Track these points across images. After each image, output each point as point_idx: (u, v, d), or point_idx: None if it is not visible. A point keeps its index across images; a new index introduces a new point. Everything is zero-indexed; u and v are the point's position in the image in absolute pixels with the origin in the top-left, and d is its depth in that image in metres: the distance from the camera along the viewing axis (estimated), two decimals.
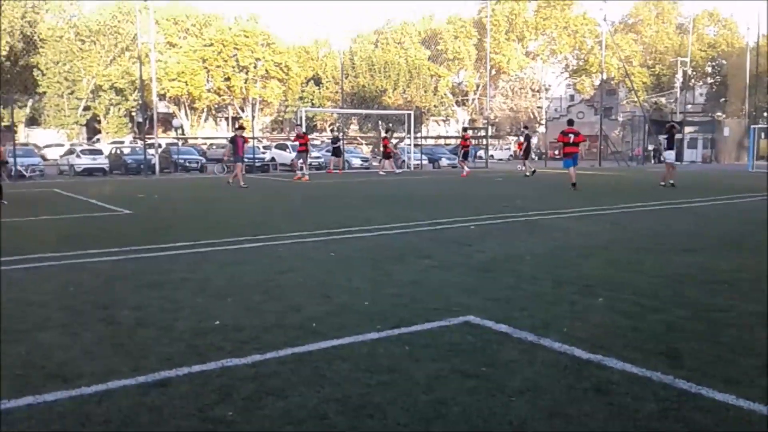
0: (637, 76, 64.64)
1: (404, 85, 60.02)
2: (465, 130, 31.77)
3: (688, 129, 53.43)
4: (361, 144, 55.17)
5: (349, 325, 4.74)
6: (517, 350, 4.18)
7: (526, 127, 31.95)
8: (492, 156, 49.73)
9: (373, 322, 4.79)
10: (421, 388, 3.54)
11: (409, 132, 35.88)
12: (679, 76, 59.64)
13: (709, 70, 73.15)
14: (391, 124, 34.65)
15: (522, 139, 29.21)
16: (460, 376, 3.72)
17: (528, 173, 26.59)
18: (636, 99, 54.87)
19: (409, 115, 36.38)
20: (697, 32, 69.06)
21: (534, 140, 65.15)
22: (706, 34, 72.38)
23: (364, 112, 54.35)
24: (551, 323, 4.74)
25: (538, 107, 70.09)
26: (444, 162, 38.10)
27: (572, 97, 76.76)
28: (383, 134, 28.90)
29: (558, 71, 74.03)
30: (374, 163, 39.61)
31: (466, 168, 27.56)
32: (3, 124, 41.62)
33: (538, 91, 69.89)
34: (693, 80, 68.74)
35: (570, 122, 20.44)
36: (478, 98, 71.20)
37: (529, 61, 70.89)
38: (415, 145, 36.64)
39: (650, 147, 49.31)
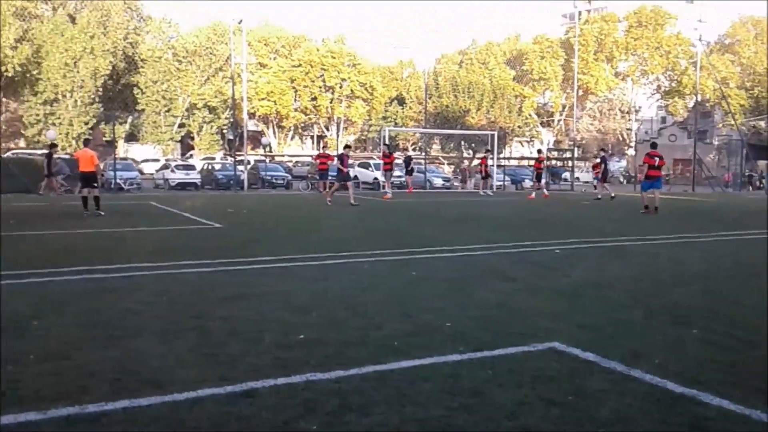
0: (734, 98, 61.73)
1: (488, 106, 59.62)
2: (539, 152, 31.25)
3: None
4: (443, 164, 55.12)
5: (431, 345, 4.72)
6: (605, 380, 4.04)
7: (603, 150, 31.05)
8: (578, 178, 48.60)
9: (455, 343, 4.75)
10: (505, 414, 3.48)
11: (492, 152, 35.59)
12: None
13: None
14: (488, 147, 34.36)
15: (599, 161, 28.31)
16: (546, 403, 3.63)
17: (600, 196, 25.67)
18: (733, 122, 52.37)
19: (493, 135, 36.11)
20: None
21: (623, 163, 63.25)
22: None
23: (446, 132, 54.30)
24: (642, 354, 4.56)
25: (628, 129, 68.04)
26: (527, 183, 37.56)
27: (664, 119, 74.12)
28: (481, 154, 28.63)
29: (649, 92, 71.68)
30: (455, 183, 39.48)
31: (544, 191, 27.08)
32: (105, 139, 44.18)
33: (627, 113, 67.90)
34: None
35: (654, 145, 20.03)
36: (564, 119, 69.88)
37: (619, 82, 69.04)
38: (499, 166, 36.31)
39: (747, 172, 46.90)
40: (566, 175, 42.27)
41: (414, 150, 62.04)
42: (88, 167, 15.33)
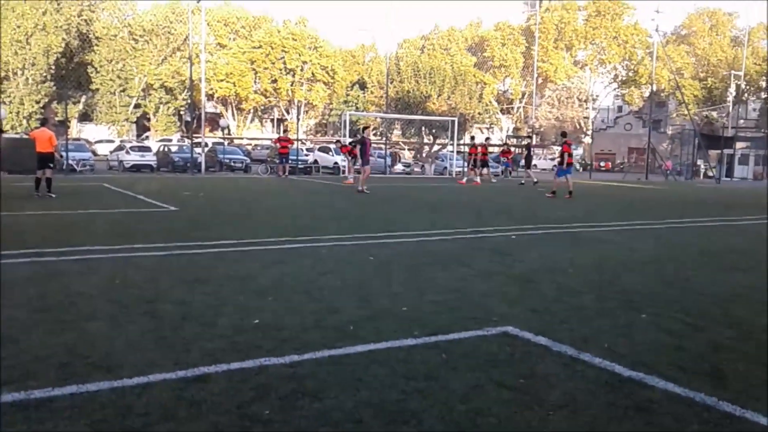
0: (688, 88, 63.22)
1: (449, 92, 59.74)
2: (472, 138, 31.72)
3: (739, 144, 52.01)
4: (404, 149, 55.19)
5: (387, 329, 4.74)
6: (556, 364, 4.12)
7: (529, 137, 32.01)
8: (536, 165, 49.19)
9: (410, 328, 4.78)
10: (458, 398, 3.52)
11: (452, 139, 35.75)
12: (732, 89, 58.16)
13: (764, 84, 71.04)
14: (488, 136, 34.65)
15: (523, 148, 29.30)
16: (498, 387, 3.69)
17: (523, 182, 26.79)
18: (686, 112, 53.67)
19: (453, 121, 36.26)
20: (753, 45, 67.20)
21: (579, 151, 64.24)
22: (762, 48, 70.33)
23: (408, 117, 54.28)
24: (592, 338, 4.66)
25: (585, 117, 69.11)
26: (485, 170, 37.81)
27: (620, 108, 75.52)
28: (480, 141, 28.50)
29: (606, 81, 72.88)
30: (416, 169, 39.60)
31: (475, 178, 27.40)
32: (57, 118, 42.92)
33: (585, 101, 68.94)
34: (746, 95, 66.85)
35: (564, 134, 21.96)
36: (524, 106, 70.59)
37: (577, 71, 69.97)
38: (458, 152, 36.48)
39: (699, 162, 48.14)
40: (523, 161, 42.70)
41: (375, 135, 61.97)
42: (46, 148, 14.90)
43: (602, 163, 59.49)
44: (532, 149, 28.89)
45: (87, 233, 9.34)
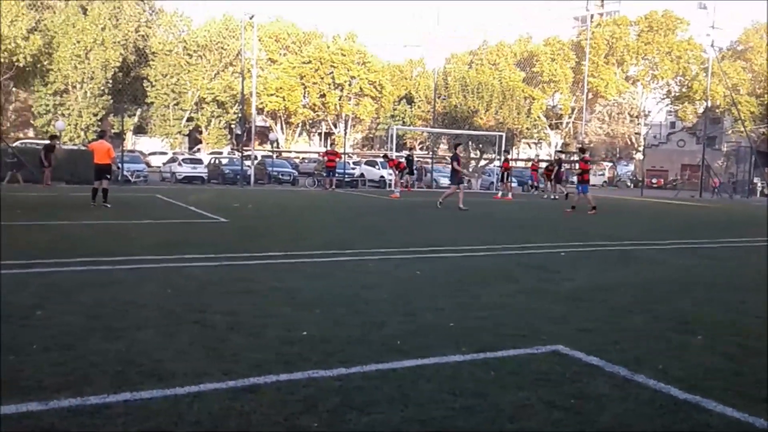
0: (744, 105, 61.44)
1: (497, 107, 59.47)
2: (506, 152, 31.41)
3: None
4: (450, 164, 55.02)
5: (434, 345, 4.71)
6: (608, 384, 4.01)
7: (561, 152, 31.42)
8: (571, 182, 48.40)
9: (457, 344, 4.74)
10: (507, 416, 3.46)
11: (499, 154, 35.48)
12: None
13: None
14: (509, 148, 34.35)
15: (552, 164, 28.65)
16: (548, 406, 3.61)
17: (556, 197, 26.66)
18: (743, 129, 52.13)
19: (501, 136, 36.01)
20: None
21: (631, 167, 63.01)
22: None
23: (455, 132, 54.18)
24: (646, 359, 4.53)
25: (636, 133, 67.81)
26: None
27: (673, 124, 73.89)
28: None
29: (659, 97, 71.43)
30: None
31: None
32: (113, 131, 44.29)
33: (636, 117, 67.67)
34: None
35: (582, 150, 22.22)
36: (573, 122, 69.70)
37: (629, 86, 68.80)
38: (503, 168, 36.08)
39: (756, 179, 46.66)
40: (574, 178, 42.10)
41: (421, 149, 61.99)
42: (104, 159, 15.35)
43: (654, 180, 58.17)
44: (563, 164, 28.48)
45: (140, 243, 9.57)
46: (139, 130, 56.72)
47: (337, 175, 30.41)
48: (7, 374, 3.79)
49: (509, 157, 30.22)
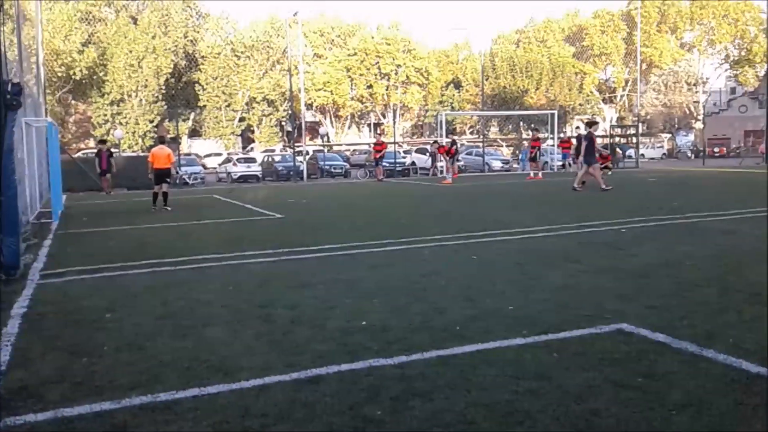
0: None
1: (547, 84, 58.40)
2: (536, 130, 30.50)
3: None
4: (502, 146, 54.38)
5: (495, 329, 4.67)
6: (677, 361, 3.91)
7: (589, 123, 28.27)
8: (643, 155, 47.13)
9: (519, 327, 4.69)
10: (572, 398, 3.41)
11: (552, 132, 34.84)
12: None
13: None
14: (538, 127, 33.61)
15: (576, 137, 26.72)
16: (614, 386, 3.54)
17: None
18: None
19: (553, 114, 35.34)
20: None
21: (690, 137, 60.93)
22: None
23: (505, 113, 53.54)
24: (716, 333, 4.39)
25: (695, 102, 65.47)
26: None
27: (733, 90, 70.94)
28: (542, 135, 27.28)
29: (717, 63, 68.70)
30: (514, 165, 38.90)
31: (533, 173, 26.08)
32: (169, 135, 45.46)
33: (694, 85, 65.29)
34: None
35: (589, 124, 19.71)
36: (627, 94, 67.80)
37: (684, 53, 66.38)
38: (558, 146, 35.45)
39: None
40: (631, 152, 41.02)
41: (471, 133, 61.45)
42: (164, 164, 15.77)
43: (716, 149, 56.08)
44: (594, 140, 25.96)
45: (201, 242, 9.81)
46: (194, 133, 57.99)
47: (386, 164, 30.46)
48: (81, 375, 3.95)
49: (540, 135, 29.51)
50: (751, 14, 62.84)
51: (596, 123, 20.71)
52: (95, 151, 26.39)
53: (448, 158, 26.39)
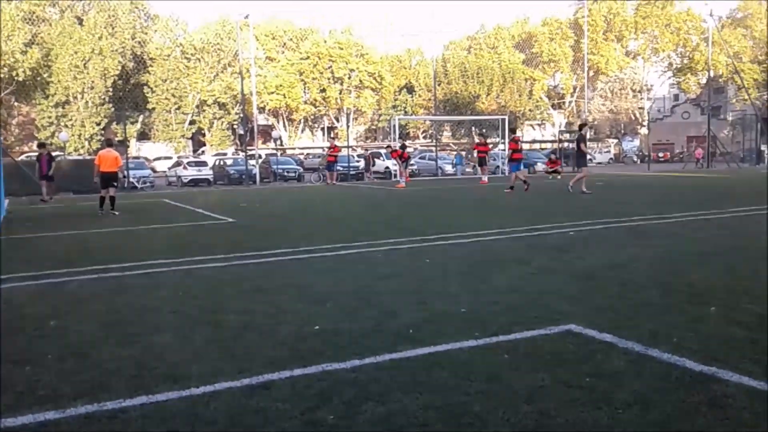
0: (747, 72, 60.85)
1: (498, 90, 59.31)
2: (482, 135, 31.12)
3: None
4: (454, 150, 54.90)
5: (447, 332, 4.71)
6: (623, 361, 4.01)
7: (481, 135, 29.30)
8: (591, 160, 48.19)
9: (470, 329, 4.73)
10: (522, 398, 3.46)
11: (503, 138, 35.38)
12: None
13: None
14: (485, 130, 33.99)
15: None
16: (563, 386, 3.61)
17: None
18: (747, 97, 51.70)
19: (503, 119, 35.89)
20: None
21: (636, 143, 62.67)
22: None
23: (457, 118, 54.08)
24: (660, 333, 4.52)
25: (640, 108, 67.39)
26: (539, 167, 37.29)
27: (676, 97, 73.32)
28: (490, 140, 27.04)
29: (660, 70, 70.87)
30: (467, 170, 39.32)
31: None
32: (117, 138, 44.40)
33: (639, 92, 67.22)
34: None
35: (513, 130, 24.10)
36: (576, 101, 69.33)
37: (630, 61, 68.29)
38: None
39: (763, 147, 46.30)
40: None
41: (425, 137, 61.87)
42: (111, 167, 15.39)
43: (661, 154, 57.82)
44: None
45: (150, 248, 9.60)
46: (143, 136, 56.75)
47: (338, 168, 30.46)
48: (24, 385, 3.82)
49: (489, 141, 30.03)
50: (693, 23, 65.07)
51: (586, 125, 21.26)
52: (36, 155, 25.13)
53: (401, 162, 26.52)
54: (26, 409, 3.45)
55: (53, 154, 23.77)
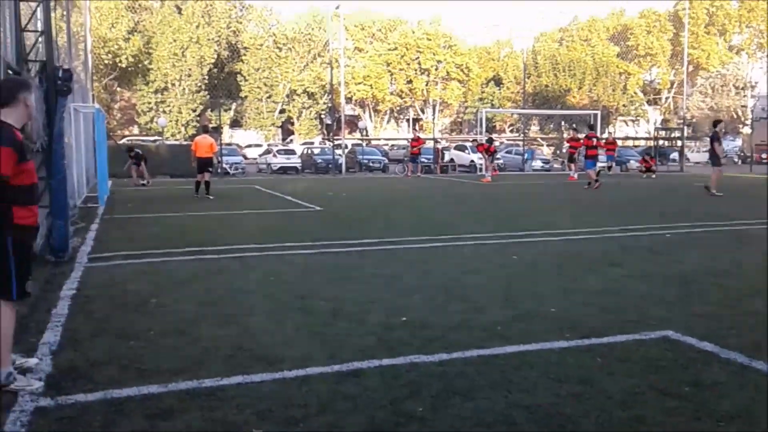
0: None
1: (590, 84, 57.56)
2: (575, 130, 29.26)
3: None
4: (542, 145, 53.81)
5: (536, 331, 4.64)
6: (725, 372, 3.83)
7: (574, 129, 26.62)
8: (688, 159, 46.09)
9: (561, 330, 4.64)
10: (616, 404, 3.36)
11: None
12: None
13: None
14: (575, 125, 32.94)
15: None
16: (660, 394, 3.48)
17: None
18: None
19: (595, 114, 34.82)
20: None
21: (738, 142, 59.46)
22: None
23: (546, 112, 52.94)
24: (764, 345, 4.28)
25: (743, 106, 63.79)
26: (633, 164, 35.98)
27: None
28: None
29: (766, 66, 66.77)
30: (555, 165, 38.44)
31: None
32: (211, 125, 46.04)
33: (742, 89, 63.61)
34: None
35: (591, 127, 23.22)
36: (673, 97, 66.40)
37: (733, 56, 64.72)
38: (601, 147, 34.90)
39: None
40: (675, 155, 40.16)
41: (512, 131, 60.88)
42: (207, 153, 16.01)
43: (764, 155, 54.58)
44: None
45: (243, 232, 9.93)
46: (235, 123, 58.61)
47: (424, 161, 30.40)
48: (128, 358, 4.04)
49: (579, 136, 27.07)
50: None
51: (721, 122, 20.28)
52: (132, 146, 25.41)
53: (487, 156, 26.22)
54: (131, 381, 3.66)
55: (152, 139, 24.73)
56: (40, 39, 8.86)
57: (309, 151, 36.72)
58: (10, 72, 7.12)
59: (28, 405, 3.34)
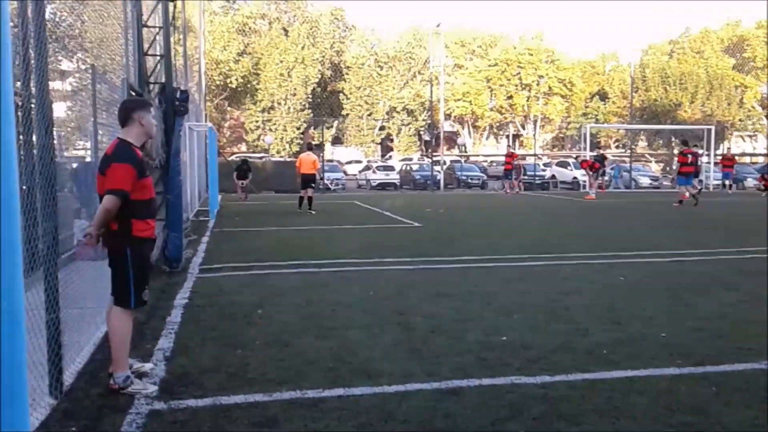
0: None
1: (703, 98, 54.78)
2: (684, 143, 26.87)
3: None
4: (650, 161, 51.64)
5: (644, 356, 4.44)
6: None
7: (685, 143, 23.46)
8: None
9: (672, 356, 4.42)
10: None
11: (708, 149, 32.60)
12: None
13: None
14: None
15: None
16: None
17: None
18: None
19: (709, 129, 33.07)
20: None
21: None
22: None
23: (655, 127, 50.75)
24: None
25: None
26: (750, 182, 33.85)
27: None
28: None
29: None
30: (665, 183, 36.75)
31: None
32: (314, 143, 47.29)
33: None
34: None
35: (685, 142, 21.40)
36: None
37: None
38: (716, 164, 33.10)
39: None
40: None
41: (617, 147, 58.83)
42: (310, 170, 16.48)
43: None
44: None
45: (343, 247, 10.12)
46: (336, 140, 60.03)
47: (524, 177, 29.88)
48: (236, 366, 4.21)
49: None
50: None
51: None
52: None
53: (591, 173, 25.47)
54: (238, 389, 3.80)
55: (259, 155, 25.63)
56: (159, 62, 9.46)
57: (408, 168, 37.00)
58: (133, 93, 7.63)
59: (143, 408, 3.54)
